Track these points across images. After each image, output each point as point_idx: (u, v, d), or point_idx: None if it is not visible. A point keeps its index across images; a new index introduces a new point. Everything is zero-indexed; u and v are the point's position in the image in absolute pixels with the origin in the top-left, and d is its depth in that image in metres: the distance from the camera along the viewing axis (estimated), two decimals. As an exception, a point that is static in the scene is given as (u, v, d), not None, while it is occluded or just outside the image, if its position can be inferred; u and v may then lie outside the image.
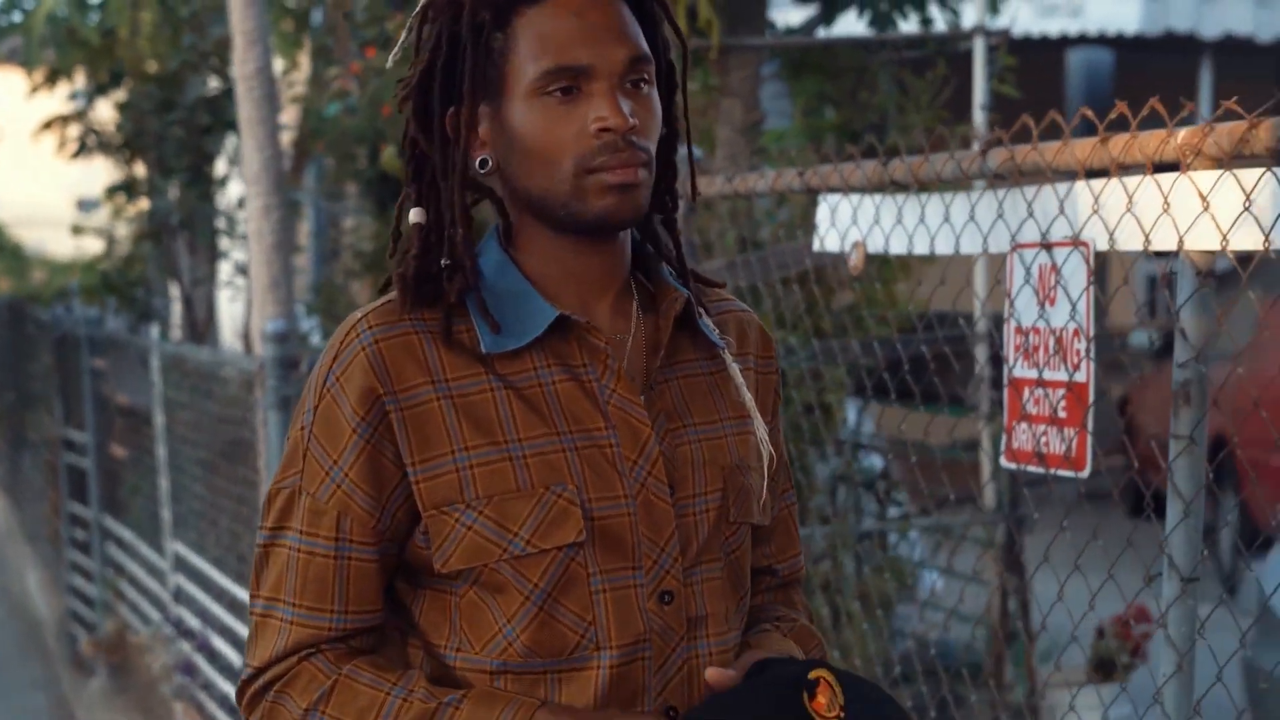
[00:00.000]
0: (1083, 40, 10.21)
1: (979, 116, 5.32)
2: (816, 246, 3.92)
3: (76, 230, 11.24)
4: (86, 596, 8.44)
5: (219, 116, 8.36)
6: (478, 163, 1.70)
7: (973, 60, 5.38)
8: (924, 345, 3.95)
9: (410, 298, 1.68)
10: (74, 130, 9.16)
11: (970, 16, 6.27)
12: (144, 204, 9.00)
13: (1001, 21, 10.59)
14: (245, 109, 5.05)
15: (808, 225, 4.11)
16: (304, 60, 9.34)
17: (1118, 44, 10.11)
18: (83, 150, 9.13)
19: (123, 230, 9.80)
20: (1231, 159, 2.67)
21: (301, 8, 8.08)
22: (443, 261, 1.69)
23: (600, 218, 1.66)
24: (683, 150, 1.88)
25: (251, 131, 5.01)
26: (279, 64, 9.04)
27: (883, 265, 5.16)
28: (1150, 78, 9.97)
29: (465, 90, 1.67)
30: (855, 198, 3.77)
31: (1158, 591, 2.77)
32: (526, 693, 1.65)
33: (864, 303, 4.94)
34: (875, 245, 3.70)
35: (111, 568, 8.11)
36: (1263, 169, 2.59)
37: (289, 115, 9.58)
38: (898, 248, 3.62)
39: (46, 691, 7.73)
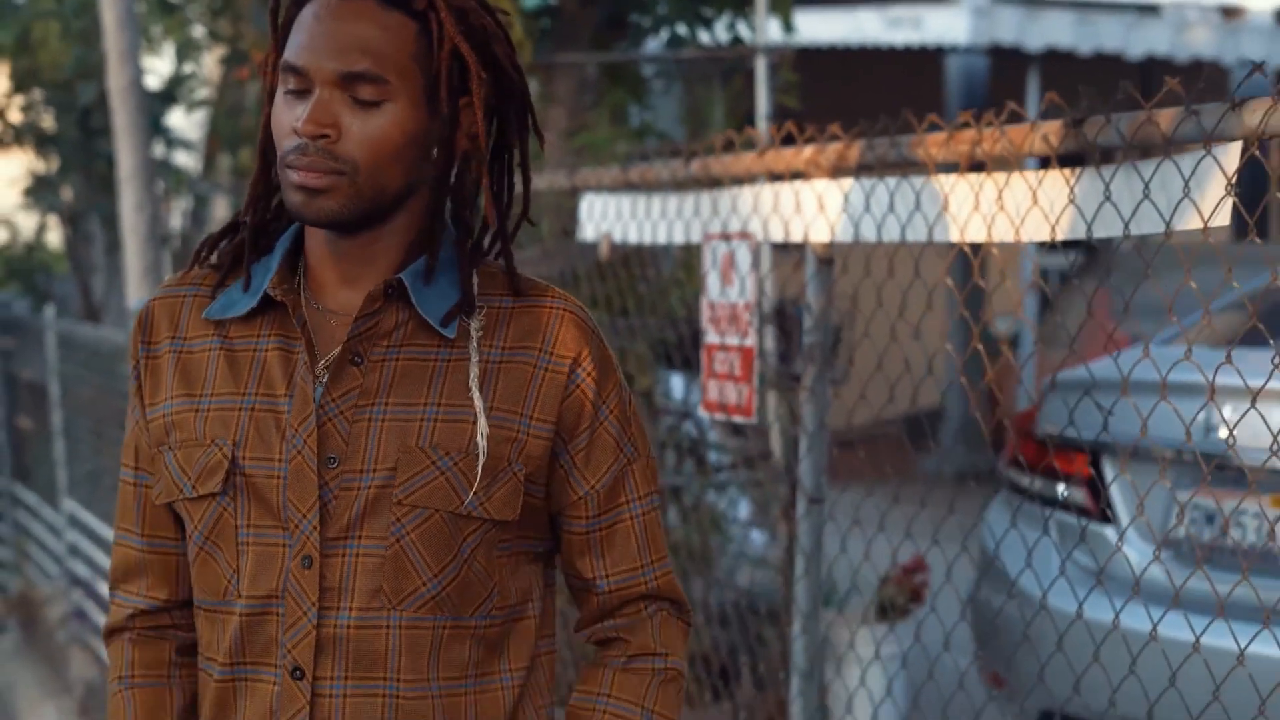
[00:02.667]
0: (923, 52, 11.03)
1: (762, 126, 6.13)
2: (578, 237, 4.74)
3: None
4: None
5: (109, 121, 9.04)
6: None
7: (771, 73, 6.19)
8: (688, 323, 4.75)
9: (195, 264, 1.87)
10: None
11: (775, 33, 7.08)
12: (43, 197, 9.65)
13: (851, 34, 11.46)
14: (120, 118, 5.80)
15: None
16: (213, 64, 9.97)
17: (952, 55, 10.93)
18: (-1, 144, 9.76)
19: (25, 221, 10.50)
20: (837, 170, 3.51)
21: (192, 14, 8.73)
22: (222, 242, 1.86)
23: (292, 212, 1.74)
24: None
25: (126, 137, 5.76)
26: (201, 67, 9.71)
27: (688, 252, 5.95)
28: (985, 86, 10.81)
29: (267, 69, 1.79)
30: (606, 195, 4.58)
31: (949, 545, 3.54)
32: (208, 630, 1.81)
33: (673, 286, 5.72)
34: (620, 236, 4.53)
35: (20, 532, 8.73)
36: (852, 178, 3.44)
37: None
38: (634, 238, 4.44)
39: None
